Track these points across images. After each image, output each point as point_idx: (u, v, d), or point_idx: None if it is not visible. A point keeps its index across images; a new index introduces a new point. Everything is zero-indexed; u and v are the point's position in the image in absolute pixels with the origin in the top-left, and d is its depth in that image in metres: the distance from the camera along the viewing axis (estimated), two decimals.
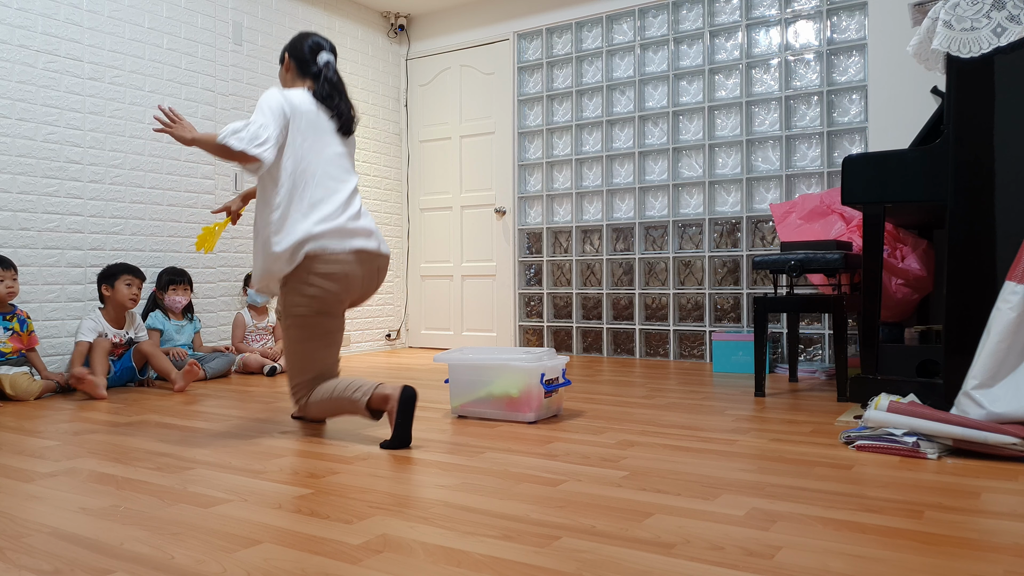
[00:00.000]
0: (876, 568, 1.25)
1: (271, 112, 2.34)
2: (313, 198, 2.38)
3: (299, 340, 2.38)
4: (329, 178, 2.44)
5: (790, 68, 4.34)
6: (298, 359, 2.40)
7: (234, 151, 2.27)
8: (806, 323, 4.30)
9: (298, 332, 2.38)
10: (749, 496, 1.68)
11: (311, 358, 2.39)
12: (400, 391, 2.21)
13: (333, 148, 2.48)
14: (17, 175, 3.51)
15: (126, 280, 3.61)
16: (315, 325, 2.38)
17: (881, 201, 2.70)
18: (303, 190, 2.38)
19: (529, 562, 1.28)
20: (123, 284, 3.61)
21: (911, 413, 2.09)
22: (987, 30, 2.37)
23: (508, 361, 2.61)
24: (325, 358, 2.43)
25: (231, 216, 2.80)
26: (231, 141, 2.26)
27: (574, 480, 1.83)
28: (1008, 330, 2.08)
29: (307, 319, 2.37)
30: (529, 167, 5.24)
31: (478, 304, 5.44)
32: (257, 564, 1.29)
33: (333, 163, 2.47)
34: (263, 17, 4.71)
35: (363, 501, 1.66)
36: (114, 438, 2.39)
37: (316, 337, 2.39)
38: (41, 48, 3.60)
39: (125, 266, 3.66)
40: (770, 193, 4.41)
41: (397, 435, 2.20)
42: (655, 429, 2.47)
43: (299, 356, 2.39)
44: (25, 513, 1.59)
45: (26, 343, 3.34)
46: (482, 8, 5.40)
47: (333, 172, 2.46)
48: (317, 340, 2.39)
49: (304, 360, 2.39)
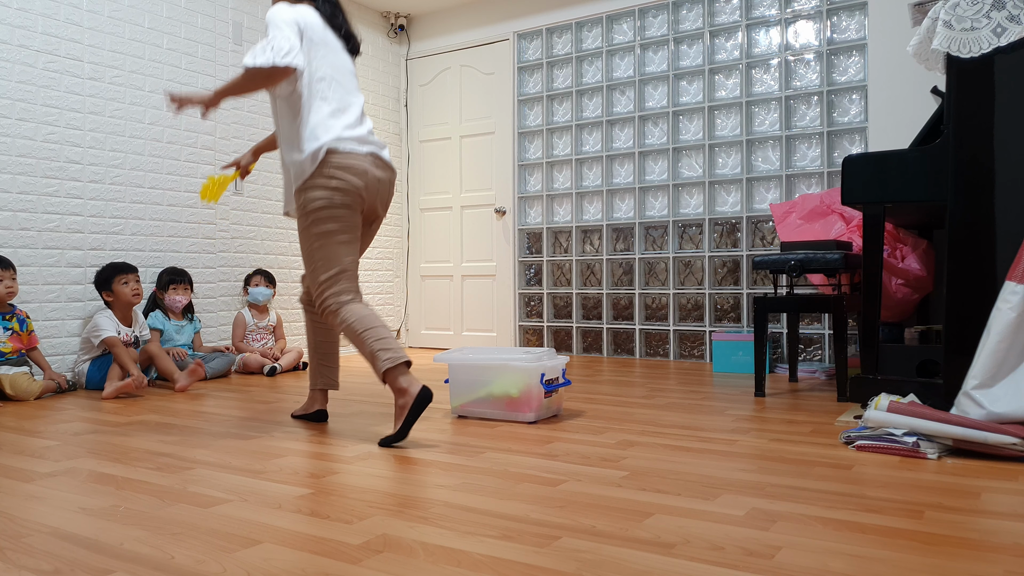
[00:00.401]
0: (876, 568, 1.25)
1: (285, 24, 2.30)
2: (333, 106, 2.38)
3: (320, 235, 2.33)
4: (344, 91, 2.43)
5: (790, 68, 4.34)
6: (320, 255, 2.34)
7: (265, 69, 2.22)
8: (806, 323, 4.30)
9: (319, 227, 2.33)
10: (749, 496, 1.68)
11: (333, 252, 2.34)
12: (419, 390, 2.21)
13: (344, 63, 2.47)
14: (17, 175, 3.51)
15: (122, 280, 3.62)
16: (337, 217, 2.34)
17: (881, 201, 2.70)
18: (322, 99, 2.36)
19: (529, 562, 1.28)
20: (120, 284, 3.61)
21: (911, 413, 2.09)
22: (987, 30, 2.37)
23: (508, 361, 2.61)
24: (347, 253, 2.37)
25: (240, 170, 2.77)
26: (258, 62, 2.21)
27: (574, 480, 1.83)
28: (1008, 330, 2.08)
29: (329, 210, 2.32)
30: (529, 167, 5.24)
31: (478, 304, 5.44)
32: (257, 564, 1.29)
33: (347, 77, 2.46)
34: (263, 17, 4.70)
35: (363, 501, 1.66)
36: (114, 438, 2.39)
37: (338, 232, 2.34)
38: (41, 48, 3.60)
39: (114, 267, 3.66)
40: (770, 193, 4.41)
41: (401, 432, 2.21)
42: (655, 429, 2.47)
43: (321, 251, 2.33)
44: (25, 513, 1.59)
45: (26, 343, 3.34)
46: (482, 8, 5.40)
47: (347, 86, 2.45)
48: (339, 234, 2.35)
49: (326, 254, 2.34)
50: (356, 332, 2.27)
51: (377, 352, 2.24)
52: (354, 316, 2.29)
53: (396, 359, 2.23)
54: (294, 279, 4.90)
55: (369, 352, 2.25)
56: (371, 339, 2.25)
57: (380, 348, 2.24)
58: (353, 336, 2.28)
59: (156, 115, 4.09)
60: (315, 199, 2.33)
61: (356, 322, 2.28)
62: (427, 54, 5.66)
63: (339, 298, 2.33)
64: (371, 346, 2.25)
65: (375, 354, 2.24)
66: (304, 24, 2.36)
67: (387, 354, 2.23)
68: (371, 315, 2.31)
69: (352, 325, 2.28)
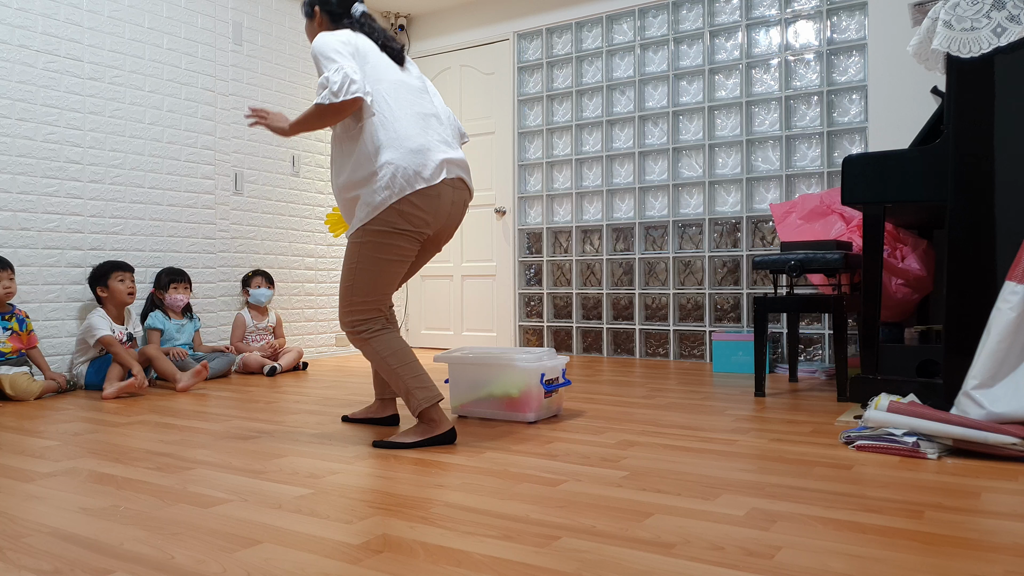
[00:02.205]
0: (876, 568, 1.25)
1: (335, 52, 2.20)
2: (411, 127, 2.25)
3: (372, 260, 2.23)
4: (420, 105, 2.32)
5: (790, 68, 4.34)
6: (364, 277, 2.24)
7: (335, 105, 2.16)
8: (806, 323, 4.30)
9: (374, 251, 2.22)
10: (749, 496, 1.68)
11: (379, 279, 2.25)
12: (448, 430, 2.26)
13: (395, 75, 2.33)
14: (17, 175, 3.51)
15: (118, 277, 3.62)
16: (396, 247, 2.24)
17: (881, 201, 2.70)
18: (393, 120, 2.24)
19: (529, 562, 1.28)
20: (116, 281, 3.62)
21: (911, 413, 2.09)
22: (987, 30, 2.37)
23: (508, 361, 2.61)
24: (392, 283, 2.29)
25: None
26: (327, 100, 2.15)
27: (574, 480, 1.83)
28: (1008, 330, 2.08)
29: (391, 237, 2.22)
30: (529, 167, 5.24)
31: (478, 304, 5.44)
32: (257, 564, 1.29)
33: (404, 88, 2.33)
34: (263, 17, 4.71)
35: (363, 501, 1.66)
36: (114, 438, 2.39)
37: (393, 260, 2.25)
38: (41, 48, 3.61)
39: (112, 263, 3.68)
40: (770, 193, 4.41)
41: (407, 445, 2.21)
42: (655, 429, 2.47)
43: (366, 274, 2.24)
44: (25, 513, 1.59)
45: (25, 343, 3.34)
46: (482, 8, 5.40)
47: (422, 101, 2.34)
48: (393, 264, 2.25)
49: (371, 279, 2.24)
50: (391, 366, 2.25)
51: (414, 391, 2.24)
52: (389, 349, 2.26)
53: (432, 399, 2.24)
54: (294, 279, 4.90)
55: (405, 389, 2.24)
56: (408, 375, 2.24)
57: (417, 387, 2.24)
58: (386, 368, 2.25)
59: (156, 115, 4.09)
60: (379, 220, 2.21)
61: (391, 356, 2.25)
62: (427, 54, 5.66)
63: (372, 325, 2.27)
64: (408, 383, 2.24)
65: (412, 392, 2.24)
66: (349, 41, 2.26)
67: (423, 393, 2.24)
68: (405, 349, 2.28)
69: (387, 359, 2.25)
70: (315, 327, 5.05)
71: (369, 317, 2.28)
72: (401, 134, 2.22)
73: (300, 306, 4.94)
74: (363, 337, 2.27)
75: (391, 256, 2.25)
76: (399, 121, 2.25)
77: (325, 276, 5.12)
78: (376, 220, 2.20)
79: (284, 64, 4.84)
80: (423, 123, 2.29)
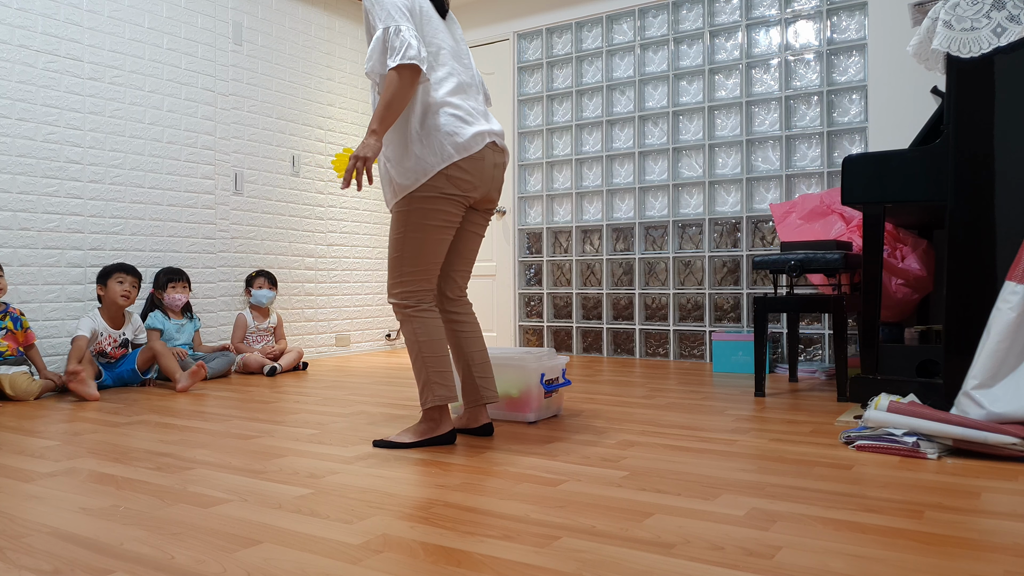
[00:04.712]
0: (876, 568, 1.25)
1: (396, 10, 2.11)
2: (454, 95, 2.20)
3: (419, 227, 2.17)
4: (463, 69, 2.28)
5: (790, 68, 4.34)
6: (412, 246, 2.19)
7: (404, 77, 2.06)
8: (806, 323, 4.30)
9: (420, 217, 2.17)
10: (749, 496, 1.68)
11: (425, 248, 2.19)
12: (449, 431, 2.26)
13: (448, 41, 2.28)
14: (17, 175, 3.51)
15: (118, 278, 3.62)
16: (444, 212, 2.19)
17: (881, 201, 2.70)
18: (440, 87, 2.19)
19: (529, 562, 1.28)
20: (115, 282, 3.61)
21: (911, 413, 2.09)
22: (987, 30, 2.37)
23: (508, 361, 2.61)
24: (438, 254, 2.23)
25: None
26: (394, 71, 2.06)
27: (574, 480, 1.83)
28: (1008, 330, 2.08)
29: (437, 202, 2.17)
30: (529, 167, 5.23)
31: (478, 304, 5.44)
32: (257, 564, 1.29)
33: (455, 49, 2.29)
34: (263, 17, 4.71)
35: (363, 501, 1.66)
36: (114, 438, 2.39)
37: (441, 227, 2.20)
38: (41, 48, 3.61)
39: (119, 265, 3.68)
40: (770, 193, 4.41)
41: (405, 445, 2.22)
42: (655, 429, 2.47)
43: (414, 243, 2.18)
44: (25, 513, 1.59)
45: (22, 341, 3.33)
46: (482, 8, 5.40)
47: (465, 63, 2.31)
48: (442, 230, 2.20)
49: (419, 247, 2.19)
50: (420, 352, 2.20)
51: (433, 384, 2.20)
52: (427, 334, 2.20)
53: (446, 399, 2.21)
54: (294, 279, 4.90)
55: (425, 379, 2.20)
56: (433, 367, 2.20)
57: (437, 382, 2.20)
58: (415, 352, 2.21)
59: (156, 115, 4.09)
60: (427, 187, 2.16)
61: (426, 344, 2.20)
62: None
63: (422, 301, 2.22)
64: (430, 375, 2.20)
65: (430, 385, 2.20)
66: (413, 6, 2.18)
67: (442, 391, 2.20)
68: (442, 341, 2.22)
69: (421, 344, 2.20)
70: (315, 327, 5.05)
71: (419, 289, 2.22)
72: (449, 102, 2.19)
73: (300, 306, 4.94)
74: (408, 313, 2.21)
75: (439, 222, 2.20)
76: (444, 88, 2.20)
77: (325, 276, 5.12)
78: (424, 187, 2.16)
79: (284, 64, 4.83)
80: (465, 93, 2.26)
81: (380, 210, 5.55)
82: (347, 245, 5.28)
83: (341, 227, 5.24)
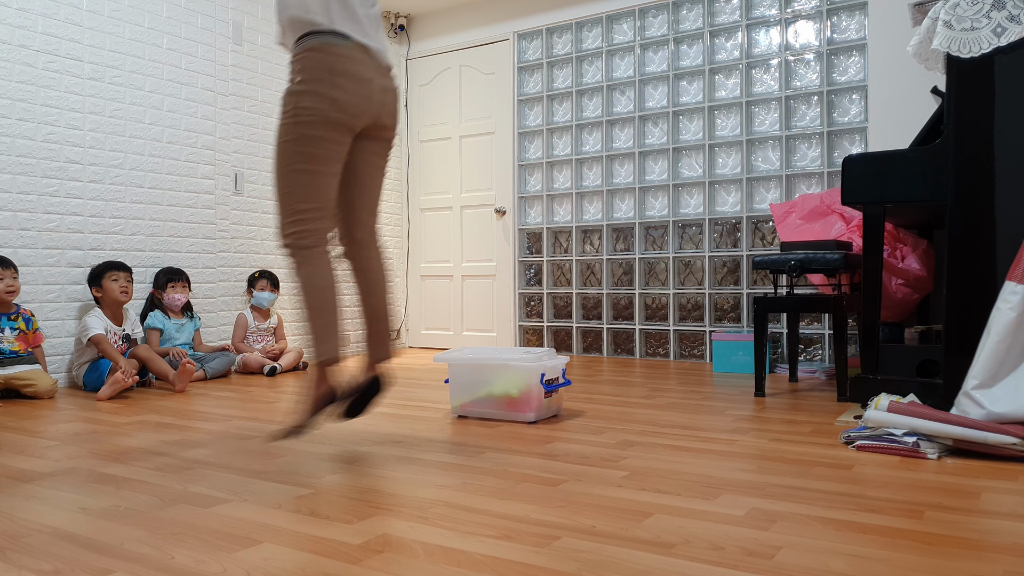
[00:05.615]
0: (876, 568, 1.25)
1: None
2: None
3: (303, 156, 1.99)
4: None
5: (790, 68, 4.34)
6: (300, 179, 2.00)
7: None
8: (806, 323, 4.30)
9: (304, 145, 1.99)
10: (749, 496, 1.68)
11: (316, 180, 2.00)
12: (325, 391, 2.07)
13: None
14: (17, 175, 3.51)
15: (112, 276, 3.63)
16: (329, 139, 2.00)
17: (881, 201, 2.70)
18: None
19: (529, 562, 1.28)
20: (110, 281, 3.62)
21: (911, 413, 2.09)
22: (987, 30, 2.37)
23: (508, 361, 2.61)
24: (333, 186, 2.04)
25: None
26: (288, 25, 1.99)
27: (574, 480, 1.83)
28: (1008, 330, 2.08)
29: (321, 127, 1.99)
30: (529, 167, 5.24)
31: (478, 304, 5.44)
32: (257, 564, 1.29)
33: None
34: (263, 17, 4.71)
35: (363, 501, 1.66)
36: (114, 438, 2.39)
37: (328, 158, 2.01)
38: (41, 48, 3.61)
39: (107, 263, 3.69)
40: (770, 193, 4.41)
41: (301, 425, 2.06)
42: (655, 429, 2.47)
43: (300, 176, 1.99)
44: (25, 513, 1.59)
45: (31, 341, 3.37)
46: (482, 8, 5.40)
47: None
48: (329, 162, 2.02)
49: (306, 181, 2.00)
50: (310, 304, 2.01)
51: (322, 337, 2.01)
52: (313, 285, 2.01)
53: (329, 357, 2.03)
54: None
55: (313, 331, 2.02)
56: (320, 318, 2.01)
57: (324, 335, 2.01)
58: (305, 302, 2.02)
59: (156, 115, 4.09)
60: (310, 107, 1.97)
61: (313, 293, 2.01)
62: (427, 54, 5.66)
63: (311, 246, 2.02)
64: (317, 328, 2.01)
65: (320, 338, 2.01)
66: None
67: (328, 344, 2.01)
68: (331, 289, 2.03)
69: (308, 295, 2.01)
70: None
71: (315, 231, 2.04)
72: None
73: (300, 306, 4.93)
74: (298, 259, 2.03)
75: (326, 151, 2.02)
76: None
77: None
78: (300, 84, 2.02)
79: (284, 64, 4.83)
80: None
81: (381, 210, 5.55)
82: None
83: None
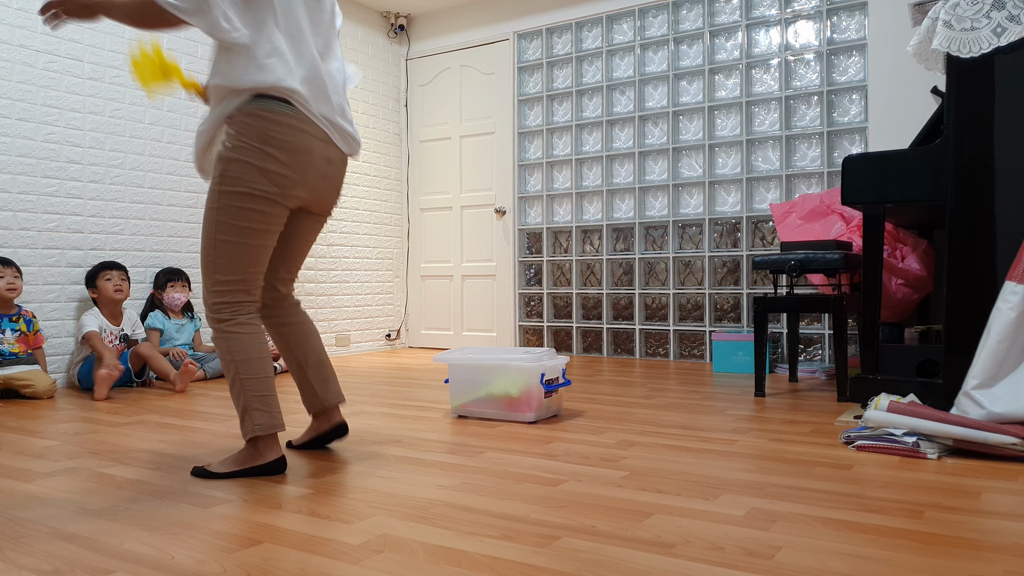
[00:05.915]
0: (876, 568, 1.25)
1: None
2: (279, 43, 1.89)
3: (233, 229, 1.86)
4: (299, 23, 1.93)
5: (790, 68, 4.34)
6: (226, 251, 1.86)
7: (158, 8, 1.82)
8: (806, 323, 4.30)
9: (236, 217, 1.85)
10: (749, 496, 1.68)
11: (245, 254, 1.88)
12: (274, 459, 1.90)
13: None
14: (17, 175, 3.51)
15: (105, 276, 3.64)
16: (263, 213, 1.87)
17: (881, 201, 2.70)
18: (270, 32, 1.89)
19: (529, 562, 1.28)
20: (103, 280, 3.63)
21: (911, 413, 2.09)
22: (987, 30, 2.37)
23: (508, 361, 2.61)
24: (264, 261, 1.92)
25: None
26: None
27: (574, 480, 1.83)
28: (1008, 330, 2.08)
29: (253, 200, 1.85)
30: (529, 167, 5.23)
31: (478, 304, 5.44)
32: (257, 564, 1.29)
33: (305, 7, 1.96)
34: None
35: (363, 501, 1.66)
36: (114, 438, 2.39)
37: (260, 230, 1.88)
38: (41, 48, 3.60)
39: (101, 264, 3.69)
40: (770, 193, 4.41)
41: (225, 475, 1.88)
42: (655, 429, 2.47)
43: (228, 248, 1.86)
44: (25, 513, 1.59)
45: (31, 343, 3.37)
46: (482, 8, 5.40)
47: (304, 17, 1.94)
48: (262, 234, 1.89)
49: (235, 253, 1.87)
50: (238, 375, 1.87)
51: (252, 411, 1.87)
52: (243, 355, 1.88)
53: (271, 427, 1.88)
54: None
55: (244, 405, 1.87)
56: (252, 392, 1.87)
57: (258, 408, 1.87)
58: (231, 374, 1.88)
59: (156, 115, 4.09)
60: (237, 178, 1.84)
61: (244, 364, 1.87)
62: (427, 54, 5.65)
63: (236, 318, 1.89)
64: (248, 400, 1.87)
65: (250, 412, 1.87)
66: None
67: (262, 418, 1.87)
68: (264, 360, 1.91)
69: (239, 367, 1.87)
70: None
71: (239, 303, 1.91)
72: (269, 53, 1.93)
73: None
74: (224, 329, 1.89)
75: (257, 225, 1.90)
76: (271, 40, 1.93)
77: (325, 276, 5.12)
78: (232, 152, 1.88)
79: None
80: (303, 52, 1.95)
81: (380, 210, 5.55)
82: (347, 245, 5.28)
83: (341, 227, 5.24)
